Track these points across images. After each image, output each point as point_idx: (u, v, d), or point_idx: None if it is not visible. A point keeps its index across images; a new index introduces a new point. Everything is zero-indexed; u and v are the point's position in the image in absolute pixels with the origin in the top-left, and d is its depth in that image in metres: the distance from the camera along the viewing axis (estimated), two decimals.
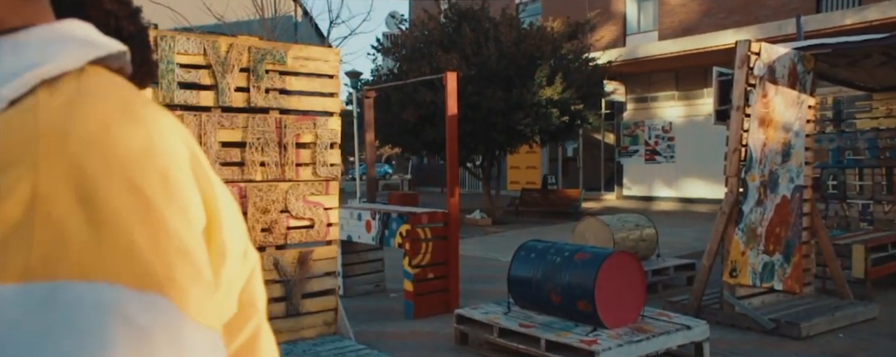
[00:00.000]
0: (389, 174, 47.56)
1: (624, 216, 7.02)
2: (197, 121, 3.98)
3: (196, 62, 3.99)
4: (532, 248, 4.84)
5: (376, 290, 6.72)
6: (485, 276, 7.50)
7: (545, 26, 13.55)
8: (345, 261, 6.51)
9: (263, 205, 4.25)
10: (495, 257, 8.96)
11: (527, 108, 12.06)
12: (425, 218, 5.72)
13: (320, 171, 4.50)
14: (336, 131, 4.59)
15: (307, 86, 4.50)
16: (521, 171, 21.21)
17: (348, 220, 6.34)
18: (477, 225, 13.26)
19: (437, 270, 5.80)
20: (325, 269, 4.59)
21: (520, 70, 12.35)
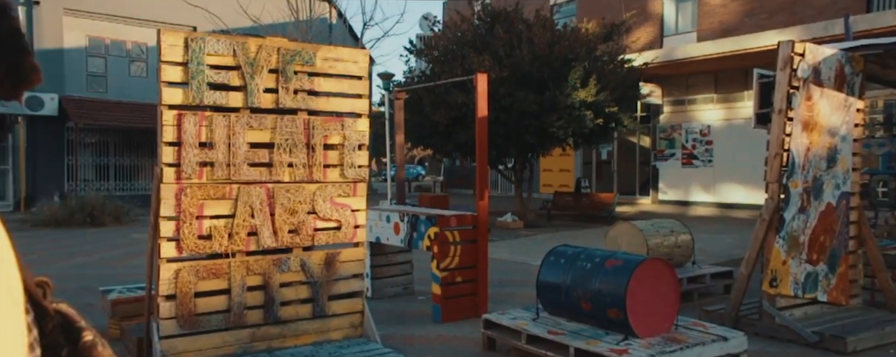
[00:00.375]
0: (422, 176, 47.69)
1: (658, 221, 6.82)
2: (226, 122, 3.99)
3: (226, 63, 4.01)
4: (561, 254, 4.73)
5: (404, 293, 6.68)
6: (515, 280, 7.40)
7: (579, 27, 13.36)
8: (373, 263, 6.50)
9: (291, 206, 4.24)
10: (526, 261, 8.84)
11: (560, 111, 11.90)
12: (454, 221, 5.66)
13: (348, 173, 4.48)
14: (364, 133, 4.56)
15: (336, 87, 4.48)
16: (553, 173, 20.97)
17: (377, 222, 6.32)
18: (508, 228, 13.14)
19: (465, 274, 5.72)
20: (352, 271, 4.57)
21: (553, 72, 12.19)
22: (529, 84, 12.10)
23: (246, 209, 4.07)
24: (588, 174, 19.90)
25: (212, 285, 3.98)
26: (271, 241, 4.17)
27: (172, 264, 3.85)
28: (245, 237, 4.08)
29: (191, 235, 3.88)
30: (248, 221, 4.08)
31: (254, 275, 4.13)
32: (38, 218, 13.19)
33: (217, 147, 3.96)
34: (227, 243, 4.01)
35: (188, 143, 3.86)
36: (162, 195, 3.79)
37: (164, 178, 3.81)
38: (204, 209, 3.93)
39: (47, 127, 17.60)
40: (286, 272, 4.26)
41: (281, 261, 4.23)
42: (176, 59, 3.83)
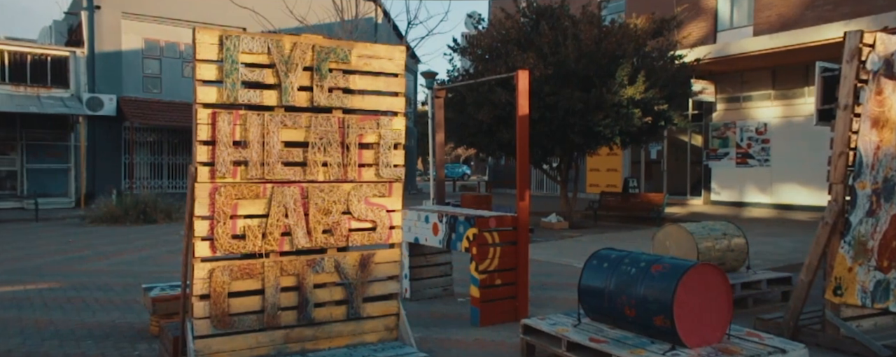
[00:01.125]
0: (468, 175, 47.61)
1: (710, 224, 6.48)
2: (260, 120, 3.95)
3: (260, 61, 3.97)
4: (605, 257, 4.51)
5: (444, 294, 6.57)
6: (558, 283, 7.18)
7: (628, 23, 12.96)
8: (412, 263, 6.40)
9: (325, 206, 4.17)
10: (570, 263, 8.60)
11: (606, 109, 11.56)
12: (493, 222, 5.50)
13: (383, 173, 4.39)
14: (400, 132, 4.45)
15: (371, 85, 4.39)
16: (600, 173, 20.51)
17: (415, 222, 6.22)
18: (552, 228, 12.87)
19: (505, 276, 5.56)
20: (387, 272, 4.47)
21: (600, 69, 11.86)
22: (575, 82, 11.81)
23: (280, 209, 4.02)
24: (636, 174, 19.36)
25: (245, 285, 3.95)
26: (305, 242, 4.11)
27: (206, 264, 3.83)
28: (279, 237, 4.03)
29: (225, 235, 3.85)
30: (282, 221, 4.03)
31: (287, 275, 4.08)
32: (94, 214, 13.69)
33: (251, 146, 3.92)
34: (261, 243, 3.97)
35: (222, 141, 3.83)
36: (196, 194, 3.78)
37: (199, 177, 3.79)
38: (238, 209, 3.90)
39: (106, 127, 18.28)
40: (320, 273, 4.19)
41: (315, 261, 4.17)
42: (210, 57, 3.81)
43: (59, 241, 10.94)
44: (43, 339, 4.93)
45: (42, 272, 7.85)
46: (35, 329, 5.21)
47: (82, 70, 18.06)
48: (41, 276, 7.60)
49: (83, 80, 18.05)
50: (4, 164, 17.44)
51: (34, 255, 9.36)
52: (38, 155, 17.78)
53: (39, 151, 17.80)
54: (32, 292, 6.61)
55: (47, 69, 17.78)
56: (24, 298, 6.31)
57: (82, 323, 5.39)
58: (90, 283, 7.15)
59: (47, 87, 17.62)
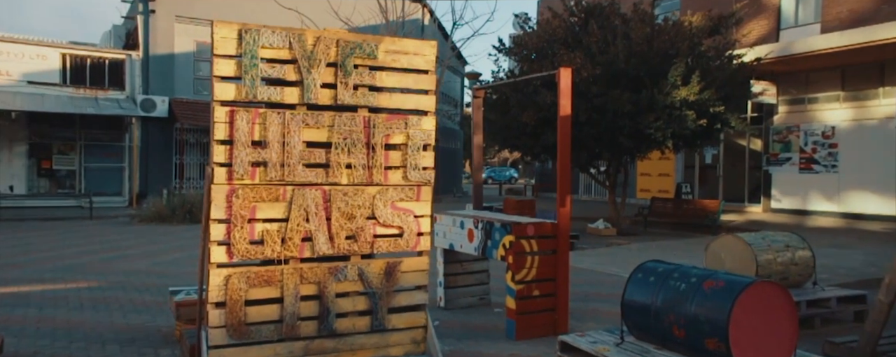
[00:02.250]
0: (515, 178, 47.04)
1: (771, 234, 5.95)
2: (280, 119, 3.75)
3: (281, 57, 3.76)
4: (651, 271, 4.12)
5: (480, 304, 6.26)
6: (602, 294, 6.76)
7: (682, 21, 12.34)
8: (447, 271, 6.12)
9: (349, 210, 3.94)
10: (616, 272, 8.15)
11: (658, 111, 11.01)
12: (531, 229, 5.16)
13: (411, 175, 4.12)
14: (430, 132, 4.18)
15: (400, 82, 4.13)
16: (652, 178, 19.75)
17: (450, 228, 5.93)
18: (599, 235, 12.36)
19: (543, 287, 5.21)
20: (414, 282, 4.20)
21: (651, 69, 11.32)
22: (624, 82, 11.30)
23: (300, 213, 3.80)
24: (690, 179, 18.53)
25: (263, 293, 3.75)
26: (327, 248, 3.89)
27: (222, 270, 3.65)
28: (299, 243, 3.82)
29: (242, 240, 3.66)
30: (303, 226, 3.82)
31: (308, 283, 3.86)
32: (143, 213, 13.97)
33: (270, 146, 3.72)
34: (280, 249, 3.76)
35: (240, 141, 3.64)
36: (212, 196, 3.60)
37: (215, 178, 3.61)
38: (256, 212, 3.70)
39: (158, 127, 18.74)
40: (343, 281, 3.96)
41: (337, 269, 3.94)
42: (229, 52, 3.63)
43: (105, 240, 11.16)
44: (71, 340, 4.88)
45: (86, 270, 7.94)
46: (65, 329, 5.17)
47: (137, 72, 18.59)
48: (84, 274, 7.68)
49: (138, 83, 18.57)
50: (64, 164, 18.09)
51: (83, 252, 9.53)
52: (95, 155, 18.38)
53: (96, 151, 18.40)
54: (72, 291, 6.65)
55: (105, 72, 18.36)
56: (63, 297, 6.34)
57: (112, 325, 5.33)
58: (128, 282, 7.16)
59: (104, 89, 18.20)
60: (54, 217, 14.98)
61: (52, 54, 17.61)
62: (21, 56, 17.07)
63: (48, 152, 17.83)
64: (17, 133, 17.23)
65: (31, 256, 9.09)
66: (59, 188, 17.95)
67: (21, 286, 6.86)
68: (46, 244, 10.49)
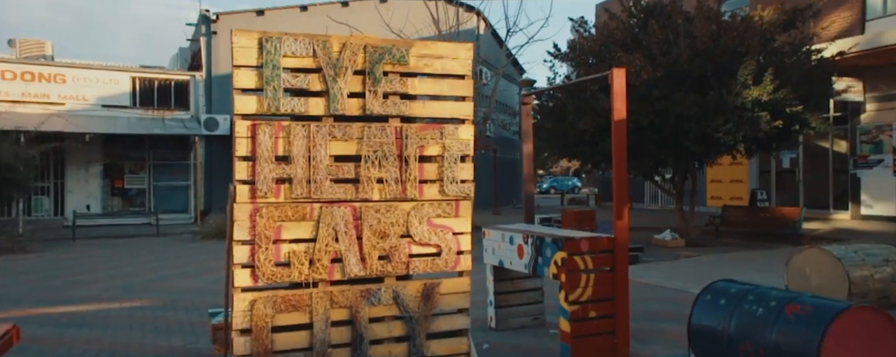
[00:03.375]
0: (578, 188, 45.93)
1: (865, 246, 5.27)
2: (305, 132, 3.52)
3: (305, 65, 3.54)
4: (722, 292, 3.62)
5: (533, 324, 5.84)
6: (669, 313, 6.21)
7: (752, 16, 11.53)
8: (497, 289, 5.75)
9: (381, 228, 3.66)
10: (684, 288, 7.53)
11: (727, 113, 10.26)
12: (585, 244, 4.73)
13: (448, 189, 3.80)
14: (468, 142, 3.86)
15: (434, 89, 3.84)
16: (723, 185, 18.65)
17: (499, 244, 5.57)
18: (666, 246, 11.64)
19: (600, 308, 4.76)
20: (455, 304, 3.87)
21: (718, 69, 10.59)
22: (689, 83, 10.62)
23: (329, 232, 3.55)
24: (765, 185, 17.36)
25: (291, 319, 3.51)
26: (358, 269, 3.61)
27: (247, 294, 3.43)
28: (328, 264, 3.56)
29: (267, 262, 3.44)
30: (332, 246, 3.56)
31: (339, 308, 3.59)
32: (206, 230, 14.26)
33: (296, 161, 3.49)
34: (308, 271, 3.52)
35: (263, 157, 3.43)
36: (235, 216, 3.40)
37: (238, 196, 3.41)
38: (281, 232, 3.47)
39: (221, 145, 19.24)
40: (376, 305, 3.67)
41: (370, 292, 3.65)
42: (249, 63, 3.43)
43: (167, 257, 11.38)
44: None
45: (143, 289, 8.03)
46: (110, 351, 5.13)
47: (201, 92, 19.19)
48: (140, 292, 7.75)
49: (201, 102, 19.16)
50: (135, 183, 18.83)
51: (144, 270, 9.71)
52: (162, 173, 19.04)
53: (164, 170, 19.06)
54: (125, 311, 6.68)
55: (171, 93, 19.06)
56: (115, 317, 6.37)
57: (155, 346, 5.25)
58: (180, 301, 7.15)
59: (171, 109, 18.87)
60: (125, 234, 15.53)
61: (124, 78, 18.42)
62: (96, 81, 17.93)
63: (120, 172, 18.61)
64: (92, 154, 18.06)
65: (97, 274, 9.32)
66: (130, 206, 18.68)
67: (80, 305, 6.96)
68: (113, 262, 10.79)
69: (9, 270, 9.78)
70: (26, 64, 17.68)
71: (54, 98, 17.49)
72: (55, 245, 13.39)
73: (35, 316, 6.39)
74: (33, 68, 17.51)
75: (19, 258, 11.29)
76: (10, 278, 8.95)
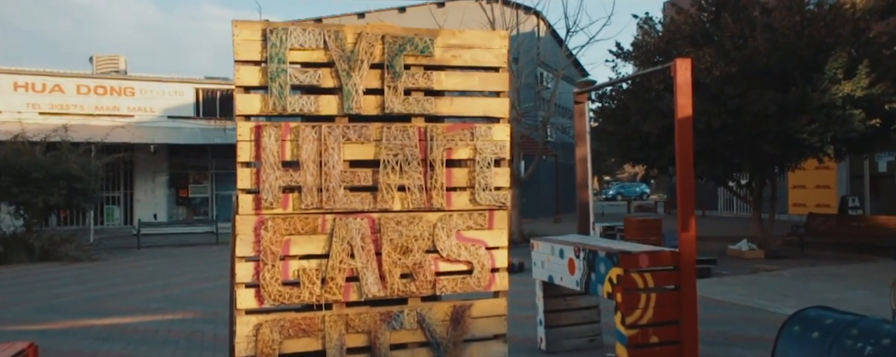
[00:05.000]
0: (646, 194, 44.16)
1: None
2: (316, 134, 3.13)
3: (315, 59, 3.16)
4: (815, 322, 2.96)
5: (589, 346, 5.24)
6: (747, 337, 5.47)
7: (842, 2, 10.42)
8: (547, 307, 5.20)
9: (404, 242, 3.22)
10: (765, 307, 6.71)
11: (812, 111, 9.26)
12: (645, 260, 4.12)
13: (481, 198, 3.33)
14: (503, 143, 3.37)
15: (463, 83, 3.38)
16: (808, 191, 17.20)
17: (549, 257, 5.02)
18: (743, 258, 10.66)
19: (663, 333, 4.13)
20: (490, 330, 3.38)
21: (802, 63, 9.60)
22: (767, 80, 9.68)
23: (344, 247, 3.14)
24: (858, 191, 15.82)
25: (301, 346, 3.11)
26: (377, 289, 3.18)
27: (251, 317, 3.06)
28: (343, 283, 3.15)
29: (274, 281, 3.06)
30: (347, 263, 3.15)
31: (355, 333, 3.17)
32: None
33: (305, 167, 3.11)
34: (320, 291, 3.12)
35: (269, 162, 3.06)
36: (238, 230, 3.04)
37: (241, 208, 3.05)
38: (290, 247, 3.09)
39: None
40: (398, 330, 3.23)
41: (391, 315, 3.22)
42: (252, 58, 3.08)
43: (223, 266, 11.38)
44: None
45: (190, 300, 7.93)
46: None
47: None
48: (186, 304, 7.64)
49: None
50: (198, 192, 19.29)
51: (196, 279, 9.69)
52: (224, 182, 19.42)
53: (225, 179, 19.43)
54: (165, 324, 6.54)
55: (231, 103, 19.47)
56: (154, 331, 6.22)
57: None
58: (221, 315, 6.94)
59: (231, 119, 19.25)
60: (187, 243, 15.83)
61: (188, 89, 18.93)
62: (162, 93, 18.51)
63: (185, 181, 19.11)
64: (159, 164, 18.63)
65: (148, 284, 9.36)
66: (194, 215, 19.13)
67: (123, 317, 6.89)
68: (168, 271, 10.87)
69: (70, 279, 9.99)
70: (99, 78, 18.48)
71: (124, 110, 18.15)
72: (121, 254, 13.73)
73: (77, 328, 6.33)
74: (105, 82, 18.27)
75: (84, 267, 11.58)
76: (68, 287, 9.10)
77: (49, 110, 17.59)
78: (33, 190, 12.01)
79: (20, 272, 10.87)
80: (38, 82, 17.80)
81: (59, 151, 12.71)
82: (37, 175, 11.94)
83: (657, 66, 9.94)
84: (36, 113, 17.48)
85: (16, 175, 11.88)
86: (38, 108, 17.63)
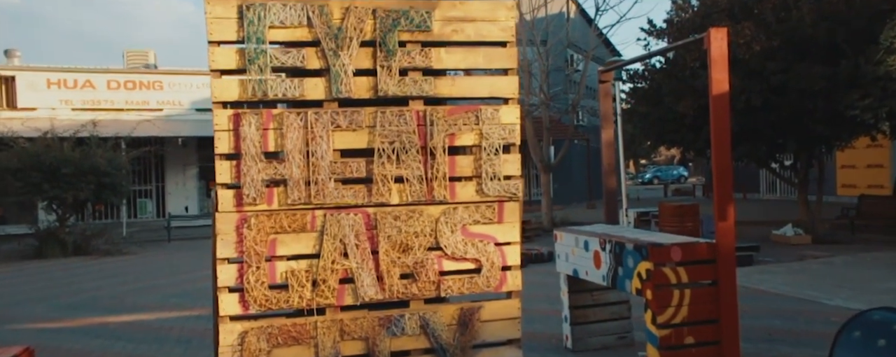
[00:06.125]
0: (684, 177, 42.90)
1: None
2: (302, 121, 2.82)
3: (298, 38, 2.85)
4: (882, 328, 2.54)
5: (619, 344, 4.87)
6: (794, 332, 5.02)
7: None
8: (573, 302, 4.84)
9: (403, 239, 2.90)
10: (815, 298, 6.21)
11: (866, 85, 8.57)
12: (678, 253, 3.72)
13: (489, 189, 2.98)
14: (512, 127, 3.01)
15: (466, 60, 3.03)
16: (857, 171, 16.28)
17: (573, 249, 4.65)
18: (788, 244, 10.05)
19: (700, 333, 3.74)
20: (502, 334, 3.05)
21: (852, 34, 8.91)
22: (814, 53, 9.02)
23: (336, 246, 2.84)
24: None
25: (291, 355, 2.84)
26: (375, 291, 2.88)
27: (236, 325, 2.80)
28: (336, 286, 2.85)
29: (259, 284, 2.78)
30: (340, 263, 2.85)
31: (352, 340, 2.88)
32: None
33: (291, 158, 2.81)
34: (311, 295, 2.83)
35: (250, 154, 2.77)
36: (218, 228, 2.76)
37: (220, 204, 2.77)
38: (276, 247, 2.81)
39: None
40: (399, 336, 2.92)
41: (391, 319, 2.91)
42: (228, 38, 2.78)
43: None
44: None
45: (209, 295, 7.79)
46: None
47: None
48: (202, 300, 7.49)
49: None
50: None
51: None
52: None
53: None
54: (180, 321, 6.40)
55: None
56: (168, 328, 6.08)
57: None
58: None
59: None
60: None
61: None
62: (189, 86, 18.55)
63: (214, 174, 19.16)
64: (189, 158, 18.72)
65: (172, 278, 9.30)
66: None
67: (141, 314, 6.78)
68: (193, 265, 10.81)
69: (97, 273, 10.02)
70: (128, 73, 18.61)
71: (153, 104, 18.27)
72: (151, 247, 13.81)
73: (94, 326, 6.24)
74: (134, 77, 18.40)
75: (114, 261, 11.64)
76: (93, 282, 9.10)
77: (81, 106, 17.81)
78: (63, 185, 12.09)
79: (53, 267, 10.98)
80: (70, 79, 18.02)
81: (87, 146, 12.79)
82: (66, 171, 12.02)
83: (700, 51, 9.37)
84: (69, 109, 17.72)
85: (46, 171, 11.98)
86: (71, 105, 17.87)
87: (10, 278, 9.79)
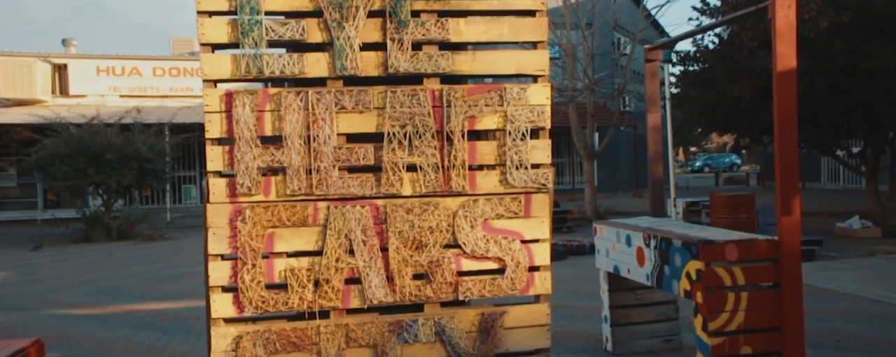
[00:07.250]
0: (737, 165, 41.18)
1: None
2: (302, 102, 2.51)
3: (298, 7, 2.53)
4: None
5: (665, 348, 4.45)
6: (867, 338, 4.49)
7: None
8: (613, 302, 4.43)
9: (416, 235, 2.57)
10: (887, 298, 5.62)
11: None
12: (733, 251, 3.28)
13: (514, 179, 2.62)
14: (542, 109, 2.64)
15: (488, 33, 2.66)
16: None
17: (614, 244, 4.24)
18: (854, 238, 9.30)
19: (759, 342, 3.31)
20: (529, 343, 2.70)
21: None
22: (889, 31, 8.21)
23: (341, 242, 2.53)
24: None
25: None
26: (384, 293, 2.57)
27: (230, 328, 2.53)
28: (341, 286, 2.55)
29: (255, 284, 2.50)
30: (346, 261, 2.55)
31: (358, 347, 2.58)
32: None
33: (290, 143, 2.51)
34: (313, 296, 2.54)
35: (244, 138, 2.49)
36: (210, 221, 2.49)
37: (212, 195, 2.50)
38: (274, 242, 2.52)
39: None
40: (412, 343, 2.61)
41: (402, 325, 2.60)
42: (218, 7, 2.49)
43: None
44: None
45: None
46: None
47: None
48: None
49: None
50: None
51: None
52: None
53: None
54: (195, 311, 6.27)
55: None
56: (193, 318, 5.96)
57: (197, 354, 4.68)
58: None
59: None
60: None
61: None
62: None
63: None
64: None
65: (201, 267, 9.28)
66: None
67: (169, 302, 6.71)
68: None
69: (135, 258, 10.10)
70: (173, 60, 18.84)
71: (197, 91, 18.42)
72: (192, 233, 13.94)
73: (123, 313, 6.19)
74: (178, 64, 18.60)
75: (154, 246, 11.77)
76: (132, 267, 9.15)
77: (128, 93, 18.14)
78: (107, 171, 12.29)
79: (96, 251, 11.17)
80: (118, 66, 18.36)
81: (130, 133, 12.95)
82: (110, 156, 12.20)
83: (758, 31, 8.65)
84: (117, 96, 18.08)
85: (91, 157, 12.18)
86: (118, 91, 18.22)
87: (55, 262, 9.97)
